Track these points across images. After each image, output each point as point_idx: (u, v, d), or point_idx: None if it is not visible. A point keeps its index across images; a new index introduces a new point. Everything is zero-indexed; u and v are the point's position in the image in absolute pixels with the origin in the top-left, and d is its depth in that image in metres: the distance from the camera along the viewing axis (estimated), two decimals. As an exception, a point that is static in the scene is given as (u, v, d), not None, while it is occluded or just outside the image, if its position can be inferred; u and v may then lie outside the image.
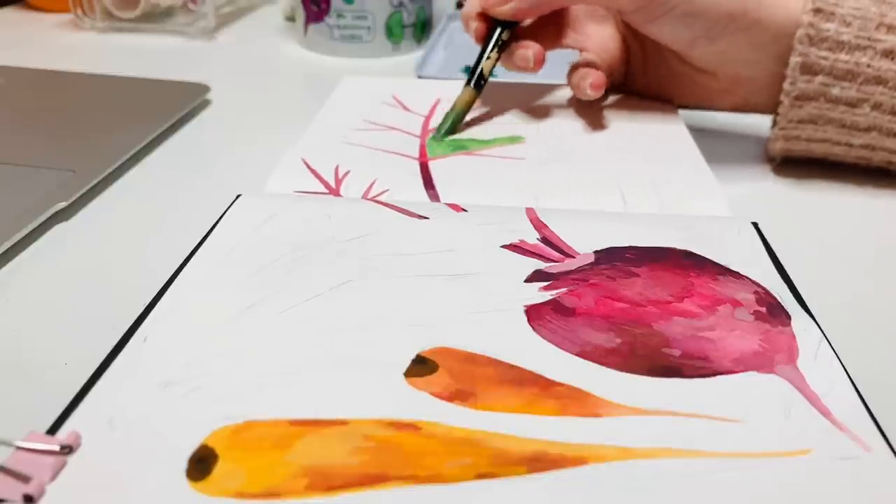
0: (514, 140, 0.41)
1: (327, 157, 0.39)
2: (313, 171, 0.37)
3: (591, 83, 0.41)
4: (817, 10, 0.36)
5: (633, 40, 0.44)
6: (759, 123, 0.43)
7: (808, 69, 0.37)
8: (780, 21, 0.37)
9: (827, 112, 0.37)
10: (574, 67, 0.43)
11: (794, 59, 0.37)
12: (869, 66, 0.36)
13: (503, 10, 0.41)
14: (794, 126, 0.38)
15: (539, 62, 0.41)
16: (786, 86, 0.37)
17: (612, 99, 0.46)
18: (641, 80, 0.45)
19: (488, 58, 0.42)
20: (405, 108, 0.45)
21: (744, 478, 0.21)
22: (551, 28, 0.44)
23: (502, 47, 0.42)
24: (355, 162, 0.39)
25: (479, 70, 0.42)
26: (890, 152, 0.37)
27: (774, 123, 0.39)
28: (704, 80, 0.42)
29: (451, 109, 0.42)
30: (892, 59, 0.36)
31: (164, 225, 0.35)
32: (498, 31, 0.42)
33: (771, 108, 0.40)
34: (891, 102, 0.36)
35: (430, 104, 0.46)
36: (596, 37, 0.44)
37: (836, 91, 0.36)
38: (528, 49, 0.41)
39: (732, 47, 0.39)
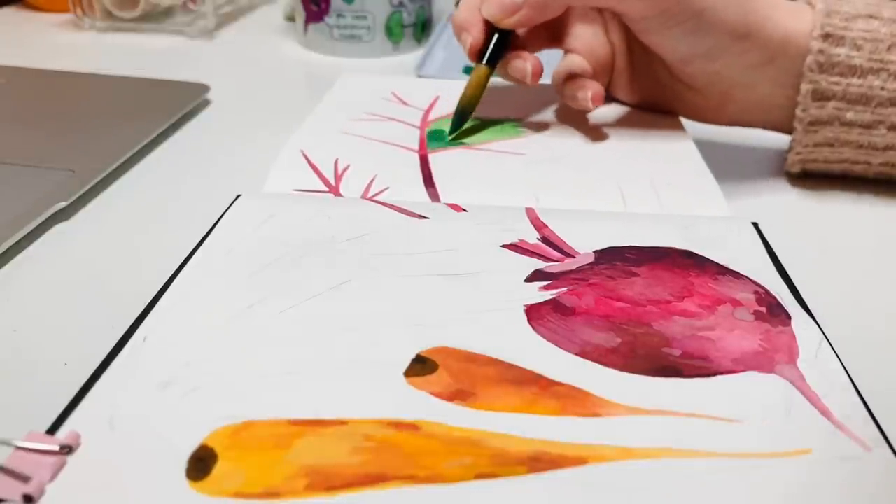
0: (514, 134, 0.41)
1: (326, 149, 0.39)
2: (313, 166, 0.37)
3: (593, 96, 0.39)
4: (826, 36, 0.35)
5: (622, 47, 0.42)
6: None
7: (820, 95, 0.36)
8: (777, 43, 0.36)
9: (842, 135, 0.36)
10: (568, 76, 0.40)
11: (805, 87, 0.36)
12: (883, 88, 0.35)
13: (511, 21, 0.38)
14: (810, 150, 0.37)
15: (537, 75, 0.39)
16: (798, 112, 0.37)
17: (612, 101, 0.46)
18: (625, 89, 0.44)
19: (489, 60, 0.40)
20: (404, 102, 0.45)
21: (744, 478, 0.21)
22: (540, 27, 0.41)
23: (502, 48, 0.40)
24: (354, 154, 0.38)
25: (490, 50, 0.39)
26: None
27: (790, 149, 0.38)
28: (691, 95, 0.40)
29: (462, 95, 0.40)
30: None
31: (164, 225, 0.35)
32: (496, 37, 0.40)
33: (765, 126, 0.40)
34: None
35: (430, 100, 0.45)
36: (584, 38, 0.42)
37: (850, 115, 0.36)
38: (526, 61, 0.39)
39: (727, 68, 0.37)
